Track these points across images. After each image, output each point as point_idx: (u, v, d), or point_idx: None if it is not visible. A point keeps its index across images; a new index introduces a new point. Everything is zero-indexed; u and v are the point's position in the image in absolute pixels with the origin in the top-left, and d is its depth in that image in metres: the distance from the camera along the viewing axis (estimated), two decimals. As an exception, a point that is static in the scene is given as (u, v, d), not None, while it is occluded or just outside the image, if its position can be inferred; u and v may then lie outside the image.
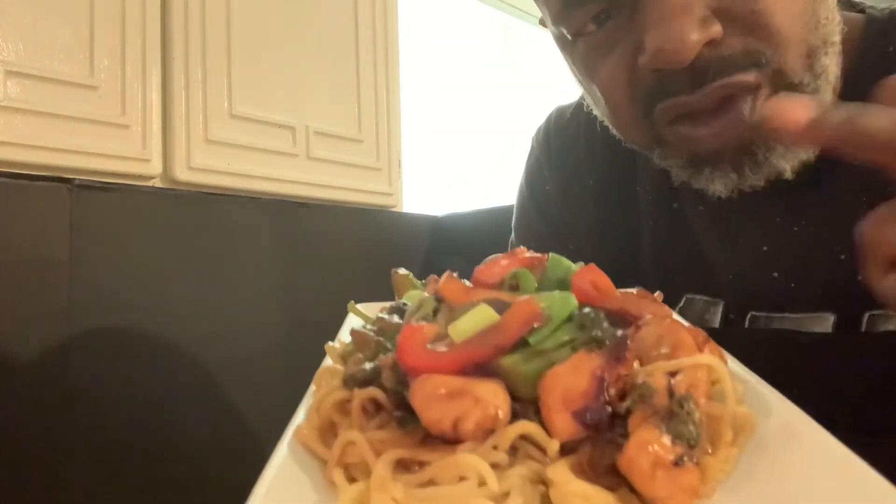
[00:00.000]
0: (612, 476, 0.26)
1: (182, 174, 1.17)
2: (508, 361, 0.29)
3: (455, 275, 0.37)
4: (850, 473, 0.26)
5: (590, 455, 0.27)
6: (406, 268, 0.48)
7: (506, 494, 0.26)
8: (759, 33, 0.44)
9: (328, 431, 0.32)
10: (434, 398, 0.28)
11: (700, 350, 0.31)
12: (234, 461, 1.18)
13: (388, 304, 0.40)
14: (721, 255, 0.54)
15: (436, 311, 0.34)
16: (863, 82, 0.51)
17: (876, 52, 0.51)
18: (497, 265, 0.37)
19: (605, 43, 0.49)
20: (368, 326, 0.37)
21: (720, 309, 0.56)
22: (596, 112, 0.56)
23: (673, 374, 0.29)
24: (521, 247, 0.40)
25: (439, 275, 0.41)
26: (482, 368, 0.29)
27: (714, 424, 0.28)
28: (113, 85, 1.09)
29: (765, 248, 0.53)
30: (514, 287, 0.36)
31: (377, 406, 0.30)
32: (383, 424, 0.30)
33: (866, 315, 0.49)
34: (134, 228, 1.09)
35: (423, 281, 0.43)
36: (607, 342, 0.29)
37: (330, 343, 0.44)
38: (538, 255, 0.38)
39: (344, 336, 0.43)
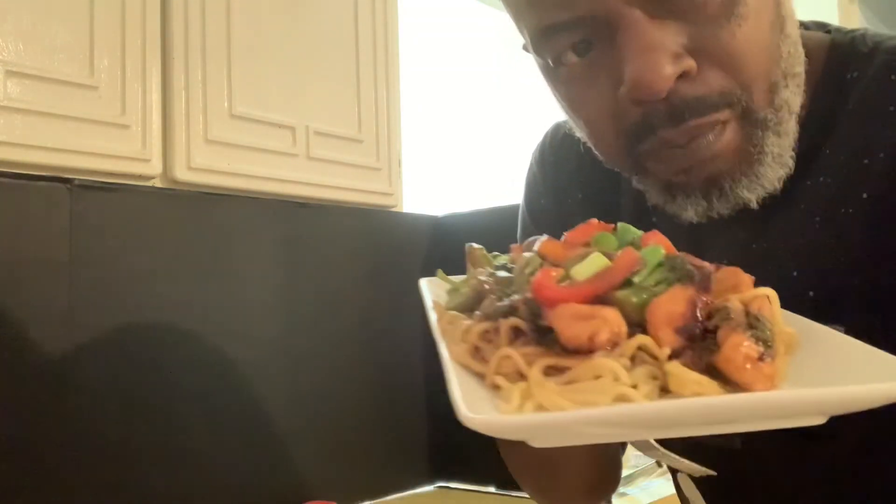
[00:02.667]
0: (707, 374, 0.35)
1: (182, 174, 1.16)
2: (621, 294, 0.38)
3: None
4: (878, 359, 0.35)
5: (690, 359, 0.36)
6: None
7: (634, 386, 0.34)
8: (730, 71, 0.47)
9: (475, 354, 0.40)
10: (572, 319, 0.36)
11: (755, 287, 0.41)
12: (234, 461, 1.18)
13: (462, 277, 0.51)
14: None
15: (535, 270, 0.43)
16: (823, 109, 0.54)
17: (836, 78, 0.54)
18: (582, 231, 0.45)
19: (587, 73, 0.51)
20: (482, 279, 0.45)
21: None
22: (579, 135, 0.59)
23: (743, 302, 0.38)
24: (593, 219, 0.47)
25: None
26: (600, 300, 0.37)
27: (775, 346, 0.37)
28: (113, 85, 1.09)
29: (725, 263, 0.56)
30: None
31: (516, 334, 0.39)
32: (526, 345, 0.38)
33: None
34: (134, 228, 1.10)
35: (494, 254, 0.52)
36: (695, 278, 0.38)
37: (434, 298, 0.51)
38: (606, 224, 0.47)
39: (435, 293, 0.52)
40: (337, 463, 1.33)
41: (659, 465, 1.43)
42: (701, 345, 0.36)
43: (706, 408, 0.33)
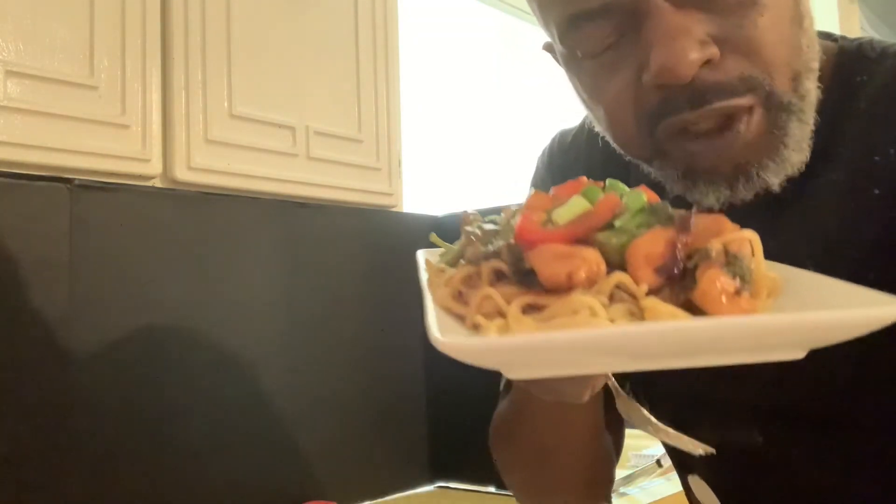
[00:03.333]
0: (684, 310, 0.36)
1: (182, 174, 1.16)
2: (602, 236, 0.38)
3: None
4: (862, 293, 0.35)
5: (668, 296, 0.36)
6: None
7: (612, 321, 0.35)
8: (752, 58, 0.49)
9: (458, 298, 0.40)
10: (551, 258, 0.37)
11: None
12: (234, 460, 1.18)
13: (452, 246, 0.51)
14: None
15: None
16: (834, 109, 0.55)
17: (844, 80, 0.56)
18: (571, 186, 0.45)
19: (613, 62, 0.52)
20: (469, 229, 0.46)
21: None
22: (598, 128, 0.60)
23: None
24: (582, 177, 0.47)
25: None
26: (581, 242, 0.38)
27: (754, 284, 0.38)
28: (113, 85, 1.09)
29: None
30: None
31: (498, 277, 0.39)
32: (508, 287, 0.38)
33: None
34: (134, 228, 1.10)
35: (486, 217, 0.51)
36: (675, 220, 0.38)
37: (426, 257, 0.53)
38: (597, 181, 0.47)
39: (429, 258, 0.53)
40: (337, 463, 1.33)
41: (659, 464, 1.43)
42: (679, 283, 0.37)
43: (679, 331, 0.33)
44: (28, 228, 0.98)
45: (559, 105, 2.33)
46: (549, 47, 0.64)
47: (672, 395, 0.65)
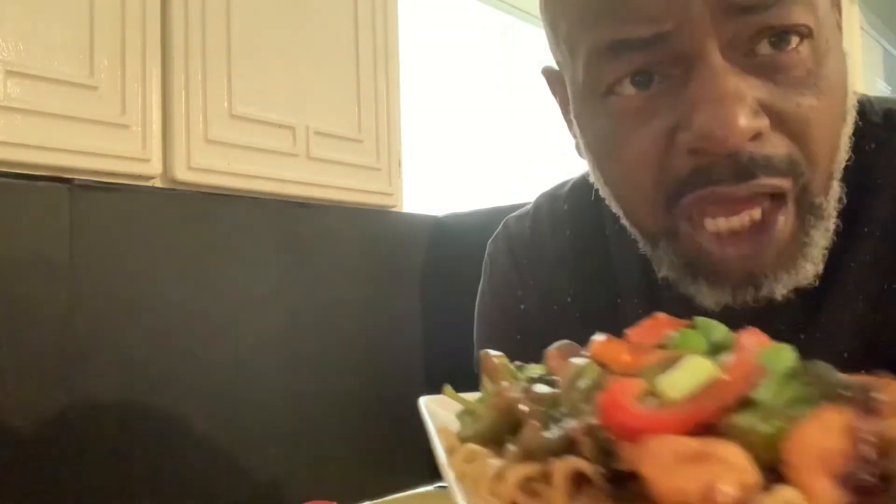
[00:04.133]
0: None
1: (182, 174, 1.16)
2: (744, 420, 0.25)
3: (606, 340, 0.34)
4: None
5: None
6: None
7: None
8: (801, 140, 0.44)
9: None
10: (674, 461, 0.24)
11: None
12: (234, 461, 1.18)
13: (475, 394, 0.38)
14: None
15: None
16: (853, 187, 0.50)
17: (857, 152, 0.50)
18: (651, 328, 0.34)
19: (642, 110, 0.46)
20: (512, 394, 0.32)
21: None
22: (599, 185, 0.53)
23: None
24: (660, 314, 0.36)
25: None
26: (708, 430, 0.25)
27: None
28: (113, 85, 1.09)
29: None
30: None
31: (578, 482, 0.26)
32: (595, 501, 0.25)
33: None
34: (134, 228, 1.09)
35: (517, 363, 0.39)
36: (850, 393, 0.26)
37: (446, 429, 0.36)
38: (677, 320, 0.35)
39: (442, 423, 0.36)
40: (337, 463, 1.33)
41: None
42: (879, 501, 0.24)
43: None
44: (28, 228, 0.98)
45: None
46: (550, 74, 0.57)
47: None
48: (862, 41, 2.86)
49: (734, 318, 0.41)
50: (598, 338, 0.34)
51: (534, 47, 2.26)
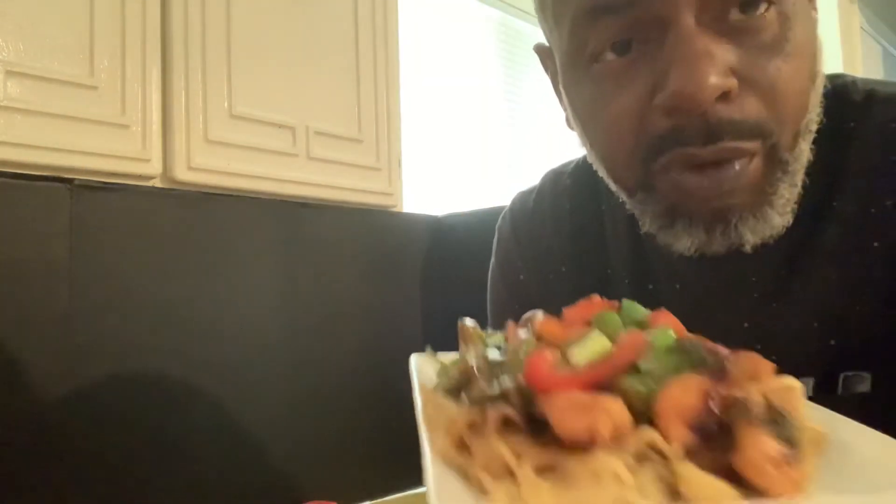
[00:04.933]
0: (723, 477, 0.31)
1: (182, 174, 1.17)
2: (626, 382, 0.34)
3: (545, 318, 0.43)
4: None
5: (705, 460, 0.32)
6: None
7: (641, 489, 0.30)
8: (768, 103, 0.47)
9: (461, 447, 0.36)
10: (569, 408, 0.32)
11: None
12: (234, 461, 1.18)
13: (455, 354, 0.47)
14: (700, 334, 0.58)
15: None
16: (827, 161, 0.53)
17: (834, 130, 0.54)
18: (583, 308, 0.42)
19: (622, 74, 0.49)
20: (472, 360, 0.42)
21: None
22: (586, 150, 0.56)
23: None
24: (595, 295, 0.43)
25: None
26: (602, 388, 0.34)
27: (801, 446, 0.34)
28: (113, 85, 1.09)
29: (745, 325, 0.55)
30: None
31: (506, 424, 0.35)
32: (518, 436, 0.34)
33: (841, 376, 0.53)
34: (134, 228, 1.10)
35: (488, 331, 0.48)
36: (709, 364, 0.34)
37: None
38: (610, 301, 0.43)
39: (424, 366, 0.48)
40: (337, 463, 1.33)
41: None
42: (716, 443, 0.32)
43: None
44: (28, 228, 0.98)
45: (558, 104, 2.33)
46: (541, 50, 0.61)
47: None
48: (862, 41, 2.86)
49: (710, 270, 0.48)
50: (539, 316, 0.42)
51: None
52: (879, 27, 3.19)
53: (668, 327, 0.38)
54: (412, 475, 1.49)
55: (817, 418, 0.36)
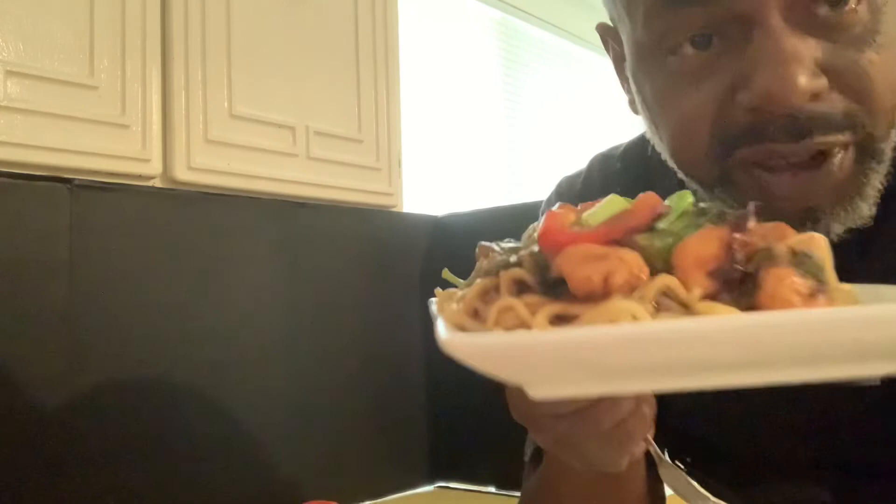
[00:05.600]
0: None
1: (182, 174, 1.17)
2: (643, 238, 0.32)
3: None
4: None
5: (727, 303, 0.30)
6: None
7: None
8: (859, 96, 0.45)
9: (474, 317, 0.34)
10: (584, 259, 0.31)
11: None
12: (234, 460, 1.18)
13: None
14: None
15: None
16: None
17: None
18: (599, 201, 0.41)
19: (701, 69, 0.47)
20: (485, 244, 0.40)
21: None
22: (654, 140, 0.55)
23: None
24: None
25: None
26: (616, 245, 0.32)
27: (830, 287, 0.32)
28: (113, 85, 1.09)
29: None
30: None
31: (520, 289, 0.33)
32: (532, 298, 0.32)
33: None
34: (134, 228, 1.09)
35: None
36: (729, 217, 0.33)
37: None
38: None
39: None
40: (337, 463, 1.33)
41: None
42: (739, 289, 0.30)
43: (755, 326, 0.26)
44: (28, 228, 0.98)
45: (558, 105, 2.33)
46: (605, 30, 0.58)
47: (731, 453, 0.60)
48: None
49: None
50: (555, 206, 0.39)
51: (533, 47, 2.26)
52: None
53: (687, 192, 0.36)
54: (412, 475, 1.49)
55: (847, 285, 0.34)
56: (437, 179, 1.87)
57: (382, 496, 1.40)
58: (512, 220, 0.77)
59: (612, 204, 0.35)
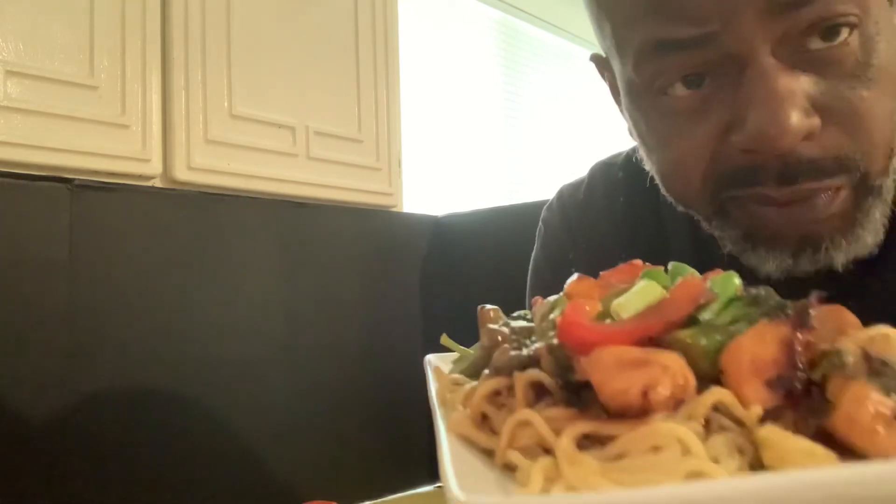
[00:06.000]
0: (818, 441, 0.25)
1: (182, 174, 1.17)
2: (686, 335, 0.27)
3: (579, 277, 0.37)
4: None
5: (791, 424, 0.25)
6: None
7: (714, 461, 0.24)
8: (853, 134, 0.44)
9: (481, 424, 0.29)
10: (617, 367, 0.26)
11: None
12: (234, 460, 1.18)
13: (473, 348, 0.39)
14: None
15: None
16: None
17: None
18: (624, 271, 0.36)
19: (694, 109, 0.46)
20: (494, 327, 0.35)
21: None
22: (648, 166, 0.54)
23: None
24: (637, 260, 0.38)
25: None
26: (653, 344, 0.27)
27: None
28: (113, 85, 1.09)
29: None
30: None
31: (537, 392, 0.28)
32: (553, 407, 0.28)
33: None
34: (134, 228, 1.10)
35: (513, 315, 0.41)
36: (787, 311, 0.28)
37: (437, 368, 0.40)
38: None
39: (439, 364, 0.40)
40: (337, 463, 1.33)
41: None
42: (805, 403, 0.26)
43: (835, 483, 0.21)
44: (28, 228, 0.98)
45: (558, 105, 2.33)
46: (600, 62, 0.58)
47: None
48: None
49: (793, 288, 0.41)
50: (573, 277, 0.35)
51: (533, 47, 2.26)
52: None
53: (732, 274, 0.31)
54: (412, 475, 1.49)
55: None
56: (436, 179, 1.87)
57: (382, 496, 1.40)
58: (512, 220, 0.77)
59: (647, 292, 0.30)
